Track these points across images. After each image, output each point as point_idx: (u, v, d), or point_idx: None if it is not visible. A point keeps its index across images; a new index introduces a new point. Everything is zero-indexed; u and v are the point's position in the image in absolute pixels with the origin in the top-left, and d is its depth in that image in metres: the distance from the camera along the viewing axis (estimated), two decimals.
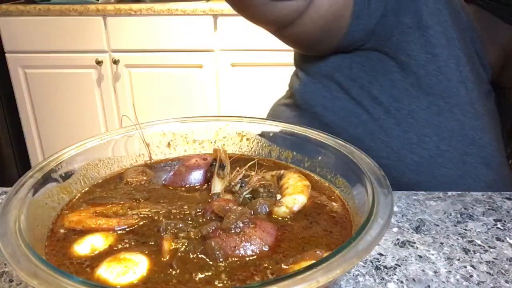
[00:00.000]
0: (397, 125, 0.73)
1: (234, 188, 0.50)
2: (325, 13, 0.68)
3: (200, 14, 2.08)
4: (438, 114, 0.72)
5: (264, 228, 0.42)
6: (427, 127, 0.72)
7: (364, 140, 0.75)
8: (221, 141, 0.61)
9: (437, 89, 0.72)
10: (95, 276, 0.37)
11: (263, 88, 2.19)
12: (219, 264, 0.39)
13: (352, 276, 0.49)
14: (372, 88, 0.74)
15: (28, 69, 2.23)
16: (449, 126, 0.72)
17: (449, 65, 0.71)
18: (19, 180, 0.44)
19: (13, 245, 0.35)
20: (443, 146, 0.72)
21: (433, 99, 0.72)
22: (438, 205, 0.63)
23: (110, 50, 2.18)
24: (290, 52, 0.89)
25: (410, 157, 0.73)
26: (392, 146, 0.74)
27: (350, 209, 0.48)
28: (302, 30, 0.70)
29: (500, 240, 0.55)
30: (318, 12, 0.68)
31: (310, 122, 0.80)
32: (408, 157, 0.73)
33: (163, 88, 2.23)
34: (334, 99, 0.78)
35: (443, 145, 0.72)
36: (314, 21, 0.69)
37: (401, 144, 0.73)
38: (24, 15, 2.11)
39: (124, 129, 0.57)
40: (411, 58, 0.72)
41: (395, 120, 0.73)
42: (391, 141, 0.74)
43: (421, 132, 0.72)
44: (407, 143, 0.73)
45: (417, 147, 0.73)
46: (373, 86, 0.74)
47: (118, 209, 0.47)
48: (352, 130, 0.76)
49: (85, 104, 2.27)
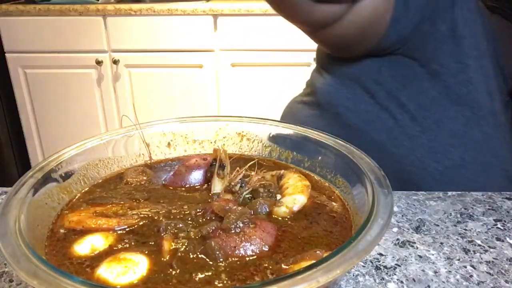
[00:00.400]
0: (422, 133, 0.72)
1: (234, 188, 0.50)
2: (365, 17, 0.67)
3: (200, 14, 2.08)
4: (465, 125, 0.71)
5: (264, 228, 0.42)
6: (452, 137, 0.71)
7: (387, 145, 0.75)
8: (221, 141, 0.61)
9: (466, 99, 0.71)
10: (95, 276, 0.37)
11: (263, 88, 2.19)
12: (219, 264, 0.39)
13: (352, 276, 0.49)
14: (400, 94, 0.73)
15: (28, 69, 2.23)
16: (474, 137, 0.71)
17: (478, 76, 0.71)
18: (19, 180, 0.44)
19: (13, 245, 0.35)
20: (467, 157, 0.71)
21: (461, 109, 0.71)
22: (438, 205, 0.63)
23: (110, 50, 2.18)
24: (290, 52, 0.89)
25: (434, 166, 0.72)
26: (416, 154, 0.73)
27: (350, 209, 0.48)
28: (339, 32, 0.69)
29: (500, 240, 0.55)
30: (358, 16, 0.67)
31: (331, 122, 0.79)
32: (432, 166, 0.72)
33: (163, 88, 2.23)
34: (358, 101, 0.77)
35: (468, 156, 0.71)
36: (353, 24, 0.68)
37: (426, 152, 0.72)
38: (24, 15, 2.11)
39: (124, 129, 0.57)
40: (442, 66, 0.71)
41: (421, 128, 0.72)
42: (416, 148, 0.73)
43: (446, 142, 0.72)
44: (432, 152, 0.72)
45: (441, 156, 0.72)
46: (400, 92, 0.73)
47: (118, 209, 0.47)
48: (376, 134, 0.75)
49: (85, 104, 2.27)
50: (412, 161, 0.73)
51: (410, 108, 0.73)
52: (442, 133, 0.72)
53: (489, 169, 0.72)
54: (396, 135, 0.74)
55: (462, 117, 0.71)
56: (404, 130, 0.73)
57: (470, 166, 0.71)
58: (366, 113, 0.76)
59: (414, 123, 0.73)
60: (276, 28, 2.02)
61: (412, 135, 0.73)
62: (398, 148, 0.74)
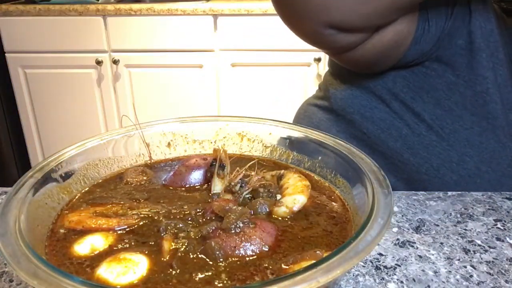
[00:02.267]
0: (438, 142, 0.72)
1: (234, 188, 0.50)
2: (389, 40, 0.67)
3: (200, 14, 2.08)
4: (480, 135, 0.71)
5: (264, 228, 0.42)
6: (468, 147, 0.71)
7: (403, 153, 0.75)
8: (221, 141, 0.61)
9: (482, 110, 0.71)
10: (95, 276, 0.37)
11: (263, 88, 2.19)
12: (219, 264, 0.39)
13: (352, 276, 0.49)
14: (415, 105, 0.73)
15: (28, 69, 2.23)
16: (490, 148, 0.71)
17: (495, 87, 0.70)
18: (19, 180, 0.44)
19: (13, 245, 0.35)
20: (483, 167, 0.71)
21: (477, 119, 0.71)
22: (438, 205, 0.63)
23: (110, 50, 2.18)
24: (290, 52, 0.89)
25: (450, 176, 0.72)
26: (432, 163, 0.73)
27: (350, 209, 0.48)
28: (361, 54, 0.69)
29: (500, 240, 0.55)
30: (381, 41, 0.67)
31: (347, 128, 0.79)
32: (447, 175, 0.72)
33: (163, 88, 2.23)
34: (374, 109, 0.77)
35: (483, 166, 0.71)
36: (375, 47, 0.68)
37: (442, 161, 0.72)
38: (24, 15, 2.11)
39: (124, 129, 0.57)
40: (459, 78, 0.71)
41: (437, 137, 0.73)
42: (432, 157, 0.73)
43: (462, 152, 0.72)
44: (448, 161, 0.72)
45: (457, 166, 0.72)
46: (416, 102, 0.73)
47: (118, 209, 0.47)
48: (391, 142, 0.75)
49: (85, 104, 2.27)
50: (427, 169, 0.73)
51: (426, 118, 0.73)
52: (458, 143, 0.72)
53: (503, 178, 0.72)
54: (412, 143, 0.74)
55: (478, 127, 0.71)
56: (419, 139, 0.74)
57: (485, 175, 0.72)
58: (381, 121, 0.76)
59: (430, 132, 0.73)
60: (276, 28, 2.02)
61: (427, 144, 0.73)
62: (414, 156, 0.74)
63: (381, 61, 0.72)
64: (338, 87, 0.82)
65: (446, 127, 0.72)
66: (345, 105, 0.80)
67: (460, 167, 0.72)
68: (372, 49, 0.68)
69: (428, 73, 0.72)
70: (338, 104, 0.81)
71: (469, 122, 0.72)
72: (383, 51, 0.69)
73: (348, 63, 0.75)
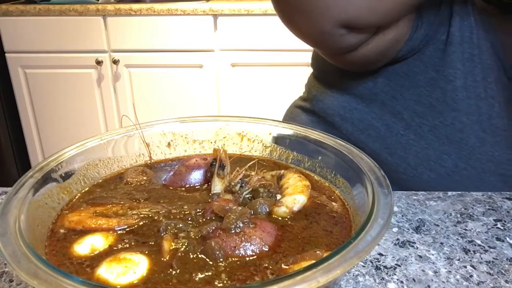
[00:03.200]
0: (416, 141, 0.73)
1: (234, 188, 0.50)
2: (390, 40, 0.68)
3: (200, 14, 2.08)
4: (461, 131, 0.71)
5: (264, 228, 0.42)
6: (447, 144, 0.72)
7: (381, 154, 0.75)
8: (221, 141, 0.61)
9: (462, 105, 0.71)
10: (95, 276, 0.37)
11: (263, 88, 2.19)
12: (219, 264, 0.39)
13: (352, 276, 0.49)
14: (396, 103, 0.74)
15: (28, 69, 2.23)
16: (469, 143, 0.71)
17: (475, 80, 0.71)
18: (19, 180, 0.44)
19: (13, 245, 0.35)
20: (461, 163, 0.71)
21: (457, 115, 0.71)
22: (438, 205, 0.63)
23: (110, 50, 2.18)
24: (290, 53, 0.89)
25: (427, 174, 0.72)
26: (409, 162, 0.73)
27: (350, 209, 0.48)
28: (363, 54, 0.69)
29: (500, 240, 0.55)
30: (384, 40, 0.67)
31: (328, 130, 0.79)
32: (425, 174, 0.73)
33: (163, 88, 2.23)
34: (353, 110, 0.77)
35: (461, 162, 0.71)
36: (377, 47, 0.68)
37: (419, 160, 0.73)
38: (24, 15, 2.11)
39: (124, 129, 0.57)
40: (439, 73, 0.71)
41: (415, 136, 0.73)
42: (409, 156, 0.73)
43: (440, 149, 0.72)
44: (425, 160, 0.72)
45: (435, 164, 0.72)
46: (396, 101, 0.74)
47: (118, 209, 0.47)
48: (370, 143, 0.76)
49: (85, 104, 2.27)
50: (405, 169, 0.73)
51: (405, 116, 0.73)
52: (437, 141, 0.72)
53: (483, 174, 0.72)
54: (390, 143, 0.75)
55: (458, 123, 0.71)
56: (397, 138, 0.74)
57: (464, 172, 0.72)
58: (360, 122, 0.77)
59: (408, 131, 0.73)
60: (276, 28, 2.02)
61: (405, 143, 0.74)
62: (392, 156, 0.74)
63: (379, 60, 0.72)
64: (320, 90, 0.83)
65: (426, 124, 0.72)
66: (326, 107, 0.81)
67: (438, 165, 0.72)
68: (374, 49, 0.68)
69: (410, 70, 0.73)
70: (319, 106, 0.82)
71: (450, 118, 0.72)
72: (383, 50, 0.69)
73: (347, 64, 0.75)
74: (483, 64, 0.71)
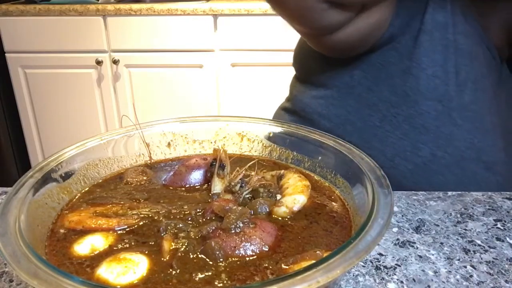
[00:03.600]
0: (392, 132, 0.73)
1: (234, 188, 0.50)
2: (371, 23, 0.68)
3: (200, 14, 2.08)
4: (436, 119, 0.71)
5: (264, 228, 0.42)
6: (423, 133, 0.72)
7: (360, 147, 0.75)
8: (221, 141, 0.61)
9: (436, 93, 0.71)
10: (95, 276, 0.37)
11: (263, 88, 2.19)
12: (219, 264, 0.39)
13: (352, 276, 0.49)
14: (372, 95, 0.74)
15: (28, 69, 2.23)
16: (446, 131, 0.71)
17: (449, 67, 0.71)
18: (19, 180, 0.44)
19: (13, 245, 0.35)
20: (438, 152, 0.71)
21: (432, 103, 0.71)
22: (438, 205, 0.63)
23: (110, 50, 2.18)
24: (290, 53, 0.89)
25: (404, 165, 0.72)
26: (386, 154, 0.73)
27: (350, 209, 0.48)
28: (343, 38, 0.69)
29: (500, 240, 0.55)
30: (365, 22, 0.67)
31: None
32: (402, 165, 0.72)
33: (163, 88, 2.23)
34: (329, 106, 0.78)
35: (439, 151, 0.71)
36: (358, 31, 0.68)
37: (395, 151, 0.73)
38: (24, 15, 2.11)
39: (124, 129, 0.57)
40: (413, 61, 0.71)
41: (390, 127, 0.73)
42: (385, 148, 0.73)
43: (416, 139, 0.72)
44: (402, 151, 0.72)
45: (411, 154, 0.72)
46: (373, 93, 0.74)
47: (118, 209, 0.47)
48: (347, 138, 0.75)
49: (85, 104, 2.27)
50: (383, 161, 0.73)
51: (381, 108, 0.74)
52: (413, 131, 0.72)
53: (463, 162, 0.71)
54: (367, 136, 0.75)
55: (433, 111, 0.71)
56: (373, 130, 0.74)
57: (442, 161, 0.71)
58: (337, 117, 0.77)
59: (384, 123, 0.74)
60: (276, 28, 2.02)
61: (381, 135, 0.74)
62: (369, 149, 0.74)
63: (361, 45, 0.72)
64: (300, 90, 0.84)
65: (401, 114, 0.72)
66: (304, 105, 0.81)
67: (414, 155, 0.72)
68: (356, 32, 0.68)
69: (386, 60, 0.73)
70: (299, 105, 0.83)
71: (425, 107, 0.72)
72: (365, 34, 0.69)
73: (328, 48, 0.75)
74: (460, 51, 0.71)
